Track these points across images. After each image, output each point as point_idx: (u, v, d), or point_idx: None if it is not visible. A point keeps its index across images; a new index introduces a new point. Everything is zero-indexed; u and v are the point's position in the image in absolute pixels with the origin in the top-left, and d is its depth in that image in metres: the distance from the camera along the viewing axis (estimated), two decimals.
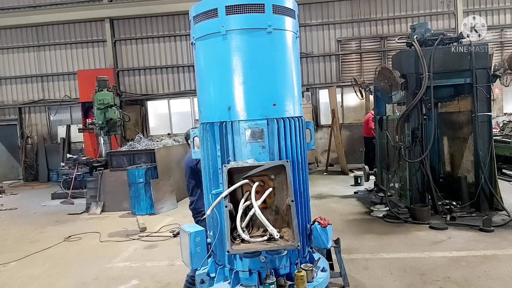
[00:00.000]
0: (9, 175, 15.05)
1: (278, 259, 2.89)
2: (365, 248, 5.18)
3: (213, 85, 2.97)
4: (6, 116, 14.94)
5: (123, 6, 13.85)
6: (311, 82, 13.75)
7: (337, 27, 13.61)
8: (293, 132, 2.98)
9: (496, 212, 6.30)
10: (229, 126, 2.88)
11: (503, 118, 12.36)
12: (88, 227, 7.22)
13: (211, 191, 2.99)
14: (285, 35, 2.97)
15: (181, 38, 14.09)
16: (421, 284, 4.05)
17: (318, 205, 7.70)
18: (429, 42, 6.55)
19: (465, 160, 6.90)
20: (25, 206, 9.82)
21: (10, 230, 7.52)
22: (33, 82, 14.72)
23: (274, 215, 2.85)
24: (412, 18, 13.23)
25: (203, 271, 3.17)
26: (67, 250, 6.03)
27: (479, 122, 6.32)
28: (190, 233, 2.95)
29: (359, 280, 4.22)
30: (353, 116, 13.84)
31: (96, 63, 14.45)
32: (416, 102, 6.34)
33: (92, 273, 4.97)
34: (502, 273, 4.18)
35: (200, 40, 3.00)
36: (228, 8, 2.79)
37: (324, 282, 2.99)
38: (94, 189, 8.70)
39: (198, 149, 3.25)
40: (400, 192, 7.19)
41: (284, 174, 2.77)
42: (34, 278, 4.95)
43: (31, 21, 14.08)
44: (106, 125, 9.69)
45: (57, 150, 14.34)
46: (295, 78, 3.07)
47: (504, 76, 6.44)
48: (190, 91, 14.09)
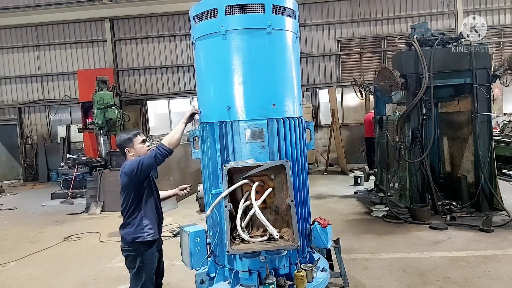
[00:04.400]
0: (8, 175, 15.04)
1: (278, 259, 2.89)
2: (365, 248, 5.17)
3: (212, 85, 2.97)
4: (6, 116, 14.93)
5: (123, 6, 13.84)
6: (311, 82, 13.75)
7: (337, 27, 13.61)
8: (293, 132, 2.98)
9: (496, 212, 6.29)
10: (229, 126, 2.88)
11: (503, 118, 12.36)
12: (87, 227, 7.22)
13: (211, 191, 2.99)
14: (285, 35, 2.96)
15: (181, 38, 14.09)
16: (421, 284, 4.04)
17: (318, 205, 7.70)
18: (429, 42, 6.55)
19: (465, 160, 6.90)
20: (25, 206, 9.81)
21: (10, 230, 7.52)
22: (33, 82, 14.71)
23: (274, 215, 2.85)
24: (412, 18, 13.22)
25: (203, 271, 3.17)
26: (66, 250, 6.03)
27: (479, 122, 6.31)
28: (190, 233, 2.95)
29: (359, 280, 4.22)
30: (353, 116, 13.83)
31: (96, 63, 14.45)
32: (416, 102, 6.34)
33: (92, 273, 4.96)
34: (502, 273, 4.18)
35: (200, 40, 3.00)
36: (227, 8, 2.79)
37: (324, 282, 3.00)
38: (94, 189, 8.70)
39: (198, 150, 3.26)
40: (400, 192, 7.19)
41: (284, 174, 2.77)
42: (34, 278, 4.94)
43: (30, 21, 14.07)
44: (106, 125, 9.68)
45: (57, 150, 14.34)
46: (295, 78, 3.07)
47: (504, 76, 6.44)
48: (190, 91, 14.08)
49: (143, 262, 3.03)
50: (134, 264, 3.03)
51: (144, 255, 3.04)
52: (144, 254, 3.04)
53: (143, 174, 2.95)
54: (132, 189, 3.00)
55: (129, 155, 3.12)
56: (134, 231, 3.03)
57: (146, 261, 3.04)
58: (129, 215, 3.06)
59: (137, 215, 3.05)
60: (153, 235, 3.08)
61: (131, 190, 3.01)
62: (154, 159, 2.90)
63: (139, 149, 3.12)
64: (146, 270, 3.04)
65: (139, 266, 3.03)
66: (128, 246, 3.07)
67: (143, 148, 3.13)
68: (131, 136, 3.12)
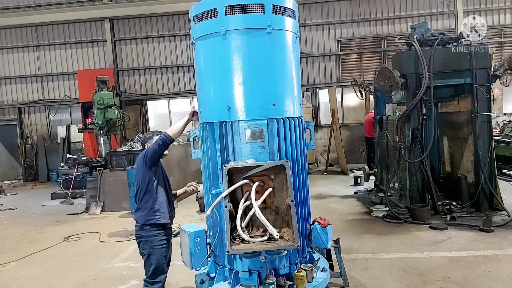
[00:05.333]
0: (8, 175, 15.05)
1: (278, 259, 2.89)
2: (365, 248, 5.18)
3: (212, 85, 2.97)
4: (5, 116, 14.93)
5: (123, 6, 13.84)
6: (311, 82, 13.75)
7: (337, 27, 13.61)
8: (293, 132, 2.98)
9: (496, 212, 6.29)
10: (229, 126, 2.87)
11: (503, 118, 12.36)
12: (88, 227, 7.22)
13: (211, 191, 2.99)
14: (285, 35, 2.96)
15: (181, 38, 14.09)
16: (421, 284, 4.04)
17: (318, 205, 7.70)
18: (429, 42, 6.55)
19: (465, 160, 6.90)
20: (25, 206, 9.81)
21: (10, 230, 7.52)
22: (33, 82, 14.71)
23: (274, 215, 2.85)
24: (412, 18, 13.23)
25: (203, 271, 3.18)
26: (66, 250, 6.03)
27: (479, 122, 6.32)
28: (190, 233, 2.95)
29: (359, 280, 4.22)
30: (353, 116, 13.84)
31: (96, 63, 14.45)
32: (416, 102, 6.34)
33: (92, 273, 4.96)
34: (502, 273, 4.18)
35: (200, 40, 3.00)
36: (227, 8, 2.79)
37: (324, 282, 2.99)
38: (94, 189, 8.70)
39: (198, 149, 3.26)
40: (400, 192, 7.19)
41: (284, 174, 2.77)
42: (34, 278, 4.95)
43: (30, 21, 14.07)
44: (106, 125, 9.68)
45: (57, 150, 14.35)
46: (295, 78, 3.07)
47: (504, 76, 6.44)
48: (190, 91, 14.08)
49: (154, 248, 3.28)
50: (145, 250, 3.30)
51: (154, 240, 3.29)
52: (154, 239, 3.29)
53: (150, 160, 3.26)
54: (143, 173, 3.32)
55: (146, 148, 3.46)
56: (147, 214, 3.30)
57: (156, 247, 3.28)
58: (142, 200, 3.34)
59: (149, 199, 3.32)
60: (165, 218, 3.36)
61: (142, 176, 3.32)
62: (157, 145, 3.20)
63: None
64: (156, 255, 3.28)
65: (150, 252, 3.27)
66: (140, 229, 3.32)
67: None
68: (153, 134, 3.51)
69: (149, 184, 3.32)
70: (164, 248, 3.35)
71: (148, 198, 3.32)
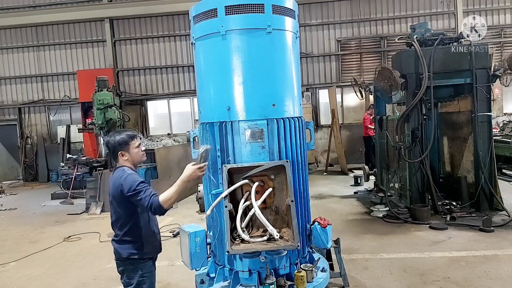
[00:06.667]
0: (8, 175, 15.03)
1: (278, 259, 2.89)
2: (365, 248, 5.17)
3: (212, 85, 2.97)
4: (5, 116, 14.92)
5: (123, 6, 13.84)
6: (311, 82, 13.75)
7: (337, 27, 13.61)
8: (292, 132, 2.98)
9: (496, 212, 6.29)
10: (229, 126, 2.87)
11: (503, 118, 12.36)
12: (87, 227, 7.21)
13: (211, 191, 2.98)
14: (285, 35, 2.96)
15: (181, 38, 14.08)
16: (421, 284, 4.04)
17: (318, 205, 7.69)
18: (429, 42, 6.55)
19: (465, 160, 6.90)
20: (25, 206, 9.80)
21: (10, 230, 7.52)
22: (33, 82, 14.70)
23: (274, 215, 2.85)
24: (412, 18, 13.22)
25: (203, 271, 3.17)
26: (66, 250, 6.03)
27: (479, 122, 6.31)
28: (190, 233, 2.95)
29: (359, 280, 4.22)
30: (353, 116, 13.83)
31: (96, 63, 14.44)
32: (416, 102, 6.34)
33: (92, 273, 4.96)
34: (502, 273, 4.18)
35: (200, 40, 3.00)
36: (227, 8, 2.79)
37: (324, 282, 2.99)
38: (94, 189, 8.69)
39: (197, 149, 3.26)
40: (400, 192, 7.19)
41: (284, 174, 2.77)
42: (34, 278, 4.94)
43: (30, 21, 14.06)
44: (105, 125, 9.66)
45: (57, 150, 14.33)
46: (294, 78, 3.07)
47: (504, 76, 6.44)
48: (190, 91, 14.08)
49: (143, 276, 2.70)
50: (132, 279, 2.69)
51: (144, 267, 2.72)
52: (144, 266, 2.72)
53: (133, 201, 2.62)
54: (125, 205, 2.69)
55: (122, 159, 2.75)
56: (132, 247, 2.70)
57: (145, 274, 2.72)
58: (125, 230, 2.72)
59: (134, 230, 2.71)
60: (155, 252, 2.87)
61: (123, 204, 2.69)
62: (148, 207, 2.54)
63: (135, 154, 2.77)
64: (147, 285, 2.73)
65: (139, 281, 2.69)
66: (124, 260, 2.73)
67: (138, 153, 2.80)
68: (128, 138, 2.73)
69: (132, 212, 2.71)
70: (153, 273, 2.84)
71: (133, 228, 2.72)
